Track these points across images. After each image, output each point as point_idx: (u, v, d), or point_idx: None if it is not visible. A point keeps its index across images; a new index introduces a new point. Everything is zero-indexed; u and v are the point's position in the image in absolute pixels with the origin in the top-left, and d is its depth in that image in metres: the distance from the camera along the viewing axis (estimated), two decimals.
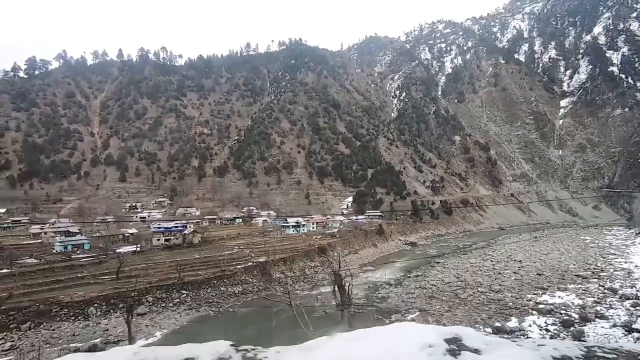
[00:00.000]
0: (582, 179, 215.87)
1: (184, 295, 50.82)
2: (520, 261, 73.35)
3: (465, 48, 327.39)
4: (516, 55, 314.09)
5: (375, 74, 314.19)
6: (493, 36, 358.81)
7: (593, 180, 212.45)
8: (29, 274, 52.27)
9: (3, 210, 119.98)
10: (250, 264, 62.08)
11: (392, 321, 42.97)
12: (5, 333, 37.83)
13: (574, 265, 68.30)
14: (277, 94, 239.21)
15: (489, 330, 38.15)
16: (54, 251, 65.07)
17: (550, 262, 71.22)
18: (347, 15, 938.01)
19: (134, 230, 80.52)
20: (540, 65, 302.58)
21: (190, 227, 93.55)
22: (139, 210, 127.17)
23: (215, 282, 55.09)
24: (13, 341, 36.70)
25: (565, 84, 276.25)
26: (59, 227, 76.60)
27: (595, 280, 56.01)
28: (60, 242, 67.51)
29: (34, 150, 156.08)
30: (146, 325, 41.97)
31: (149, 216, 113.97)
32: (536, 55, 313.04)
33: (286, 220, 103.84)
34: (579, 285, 53.34)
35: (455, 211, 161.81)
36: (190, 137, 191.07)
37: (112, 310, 44.78)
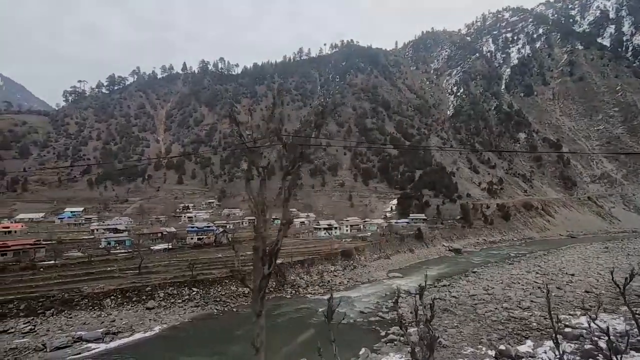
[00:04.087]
0: None
1: (194, 293, 52.80)
2: (572, 275, 63.31)
3: (535, 36, 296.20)
4: (599, 40, 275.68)
5: (432, 71, 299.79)
6: (571, 20, 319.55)
7: None
8: (69, 266, 58.75)
9: (81, 209, 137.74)
10: None
11: (389, 333, 39.80)
12: (32, 317, 42.82)
13: None
14: (327, 96, 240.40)
15: (492, 353, 33.18)
16: (100, 246, 72.54)
17: (611, 277, 60.17)
18: (405, 13, 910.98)
19: (171, 229, 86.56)
20: (630, 48, 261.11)
21: (229, 226, 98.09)
22: (190, 210, 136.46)
23: (226, 281, 56.39)
24: (35, 325, 41.31)
25: None
26: (108, 225, 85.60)
27: None
28: (105, 238, 75.18)
29: (110, 156, 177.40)
30: (149, 320, 44.24)
31: (195, 216, 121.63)
32: (625, 38, 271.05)
33: (318, 222, 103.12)
34: (636, 308, 44.05)
35: (514, 216, 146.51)
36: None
37: (125, 303, 48.21)
